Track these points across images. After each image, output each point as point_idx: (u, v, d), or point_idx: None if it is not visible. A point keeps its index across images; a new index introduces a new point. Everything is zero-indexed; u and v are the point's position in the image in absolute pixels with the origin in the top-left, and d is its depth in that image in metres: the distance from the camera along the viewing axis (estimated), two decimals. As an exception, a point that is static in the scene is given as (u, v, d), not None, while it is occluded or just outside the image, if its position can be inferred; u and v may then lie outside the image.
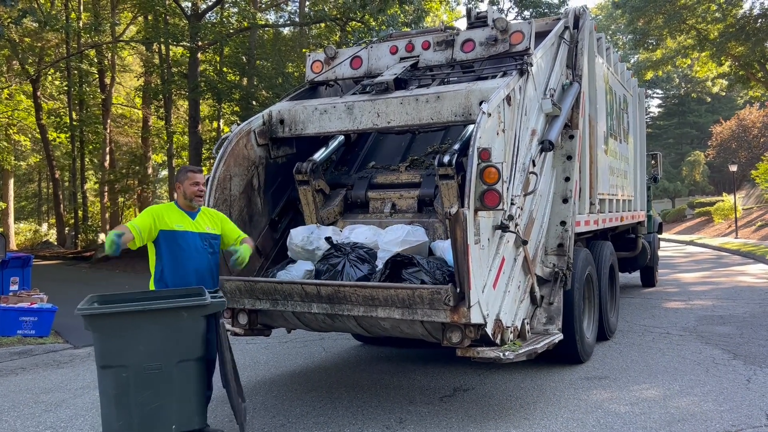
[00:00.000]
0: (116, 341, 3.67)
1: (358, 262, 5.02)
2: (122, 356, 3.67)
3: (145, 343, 3.66)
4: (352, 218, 5.90)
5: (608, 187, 8.10)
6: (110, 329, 3.69)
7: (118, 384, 3.67)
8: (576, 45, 6.85)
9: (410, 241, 5.07)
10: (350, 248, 5.14)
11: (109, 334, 3.68)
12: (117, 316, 3.71)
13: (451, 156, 5.10)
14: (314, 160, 5.87)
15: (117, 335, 3.67)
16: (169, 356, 3.70)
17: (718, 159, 46.39)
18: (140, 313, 3.70)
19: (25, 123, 29.45)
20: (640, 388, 5.68)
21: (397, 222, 5.58)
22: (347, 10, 19.21)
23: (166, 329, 3.70)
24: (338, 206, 5.91)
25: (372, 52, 6.42)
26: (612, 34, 49.09)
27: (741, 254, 21.33)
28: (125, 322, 3.68)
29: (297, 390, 5.91)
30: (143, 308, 3.73)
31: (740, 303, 10.47)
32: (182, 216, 4.53)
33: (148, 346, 3.67)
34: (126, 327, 3.68)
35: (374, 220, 5.72)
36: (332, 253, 5.17)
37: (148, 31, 24.24)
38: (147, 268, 4.74)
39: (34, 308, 8.60)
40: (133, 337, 3.66)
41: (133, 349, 3.66)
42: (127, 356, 3.66)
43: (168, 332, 3.70)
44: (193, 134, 20.41)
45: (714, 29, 31.40)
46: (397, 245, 5.01)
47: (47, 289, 9.74)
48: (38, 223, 41.53)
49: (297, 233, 5.55)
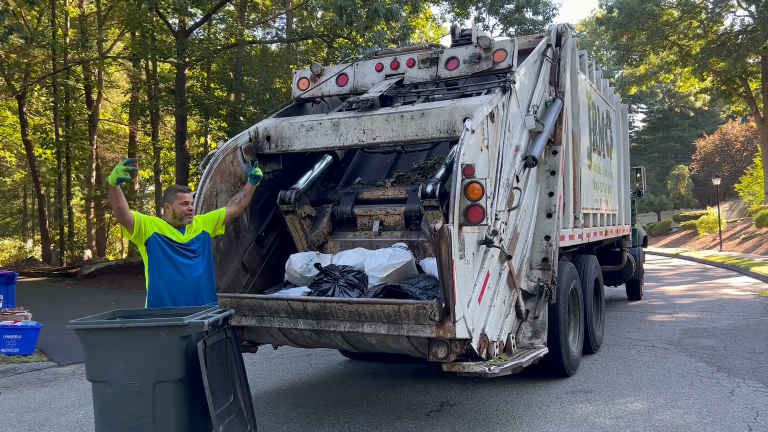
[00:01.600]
0: (101, 357, 3.69)
1: (348, 288, 5.04)
2: (106, 372, 3.68)
3: (125, 361, 3.65)
4: (342, 237, 5.93)
5: (592, 202, 8.20)
6: (96, 344, 3.71)
7: (102, 399, 3.68)
8: (558, 62, 6.96)
9: (394, 265, 5.07)
10: (340, 273, 5.15)
11: (95, 349, 3.70)
12: (100, 332, 3.74)
13: (434, 186, 5.11)
14: (298, 188, 5.89)
15: (101, 351, 3.69)
16: (147, 376, 3.65)
17: (702, 173, 46.96)
18: (120, 330, 3.72)
19: (10, 139, 29.30)
20: (625, 401, 5.72)
21: (387, 239, 5.61)
22: (334, 27, 19.38)
23: (144, 349, 3.66)
24: (326, 227, 5.94)
25: (358, 69, 6.49)
26: (596, 49, 49.78)
27: (725, 267, 21.54)
28: (108, 338, 3.70)
29: (284, 406, 5.89)
30: (121, 326, 3.74)
31: (724, 315, 10.58)
32: (172, 229, 4.54)
33: (128, 363, 3.65)
34: (109, 343, 3.69)
35: (363, 239, 5.75)
36: (322, 278, 5.19)
37: (136, 47, 24.29)
38: (133, 284, 4.77)
39: (18, 326, 8.52)
40: (115, 354, 3.66)
41: (116, 366, 3.66)
42: (110, 372, 3.66)
43: (146, 352, 3.66)
44: (180, 150, 20.40)
45: (696, 45, 31.98)
46: (380, 272, 5.02)
47: (32, 307, 9.65)
48: (23, 240, 41.09)
49: (297, 259, 5.56)
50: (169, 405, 3.66)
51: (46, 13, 25.29)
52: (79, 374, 7.79)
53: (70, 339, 10.45)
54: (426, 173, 6.04)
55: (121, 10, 24.88)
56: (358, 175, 6.49)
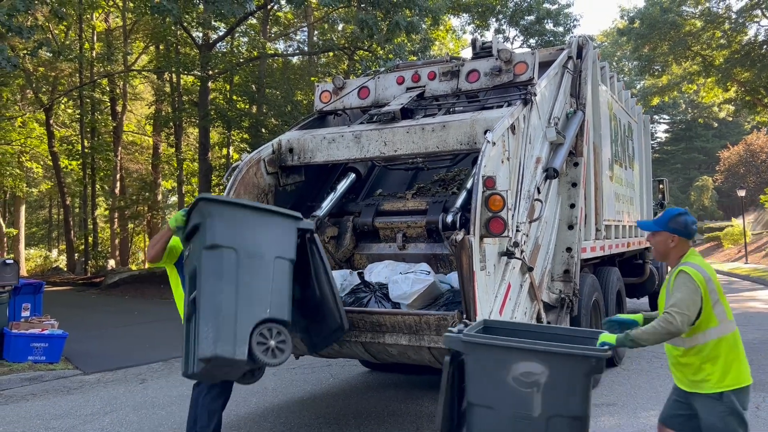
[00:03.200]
0: (231, 229, 3.95)
1: (384, 299, 5.06)
2: (233, 240, 3.92)
3: (252, 235, 4.01)
4: (367, 250, 5.91)
5: (614, 213, 8.16)
6: (227, 216, 4.01)
7: (226, 262, 3.86)
8: (579, 74, 6.96)
9: (418, 290, 4.95)
10: (378, 286, 5.18)
11: (226, 221, 3.97)
12: (235, 207, 4.09)
13: (454, 216, 5.14)
14: (318, 216, 5.85)
15: (232, 223, 3.98)
16: (270, 250, 4.02)
17: (726, 184, 46.33)
18: (255, 210, 4.14)
19: (37, 150, 29.83)
20: (648, 414, 5.67)
21: (412, 252, 5.60)
22: (355, 40, 19.55)
23: (271, 231, 4.09)
24: (350, 242, 5.92)
25: (379, 82, 6.55)
26: (618, 60, 49.46)
27: (751, 279, 21.20)
28: (243, 215, 4.06)
29: (305, 416, 5.93)
30: (259, 207, 4.26)
31: (750, 329, 10.41)
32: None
33: (254, 238, 4.01)
34: (241, 219, 4.02)
35: (388, 251, 5.74)
36: (360, 287, 5.22)
37: (160, 60, 24.70)
38: (156, 293, 4.87)
39: (45, 334, 8.68)
40: (246, 228, 3.99)
41: (242, 236, 3.96)
42: (237, 241, 3.92)
43: (272, 233, 4.08)
44: (203, 161, 20.65)
45: (719, 55, 31.62)
46: (406, 299, 4.92)
47: (57, 315, 9.81)
48: (48, 249, 41.78)
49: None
50: (284, 278, 4.11)
51: (73, 28, 25.84)
52: (104, 382, 7.92)
53: (96, 347, 10.62)
54: (447, 185, 6.06)
55: (146, 24, 25.32)
56: (378, 187, 6.53)
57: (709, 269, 3.37)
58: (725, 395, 3.22)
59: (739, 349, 3.37)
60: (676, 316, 3.15)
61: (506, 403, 3.35)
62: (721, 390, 3.23)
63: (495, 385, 3.38)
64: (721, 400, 3.22)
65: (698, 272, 3.27)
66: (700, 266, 3.34)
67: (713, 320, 3.29)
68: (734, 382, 3.25)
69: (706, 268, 3.35)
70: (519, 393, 3.31)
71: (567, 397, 3.24)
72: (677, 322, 3.14)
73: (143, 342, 10.85)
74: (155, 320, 13.59)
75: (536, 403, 3.27)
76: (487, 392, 3.42)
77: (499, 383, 3.37)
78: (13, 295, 9.28)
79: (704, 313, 3.26)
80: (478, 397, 3.45)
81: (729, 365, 3.27)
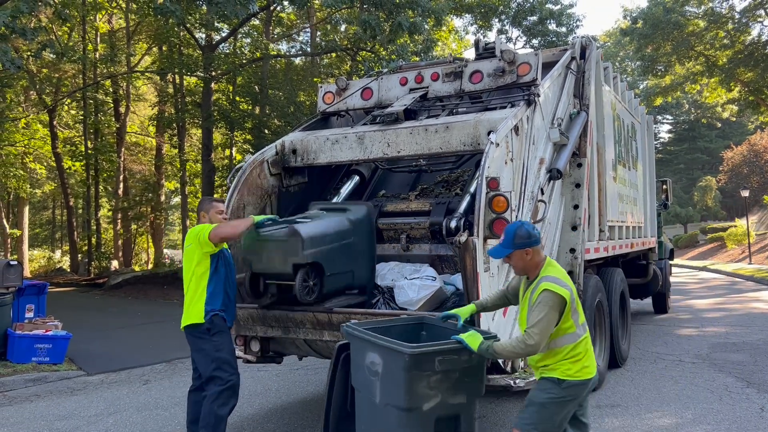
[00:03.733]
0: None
1: (392, 301, 5.05)
2: None
3: None
4: None
5: (617, 214, 8.14)
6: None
7: None
8: (583, 75, 6.95)
9: (424, 296, 4.93)
10: (386, 289, 5.18)
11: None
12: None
13: (458, 222, 5.14)
14: None
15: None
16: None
17: (729, 184, 46.18)
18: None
19: (41, 151, 29.91)
20: (652, 416, 5.65)
21: (417, 253, 5.59)
22: (358, 41, 19.54)
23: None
24: None
25: (382, 83, 6.55)
26: (621, 60, 49.39)
27: (755, 280, 21.14)
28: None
29: (308, 417, 5.93)
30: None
31: (754, 330, 10.39)
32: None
33: None
34: None
35: (392, 252, 5.73)
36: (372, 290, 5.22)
37: (163, 61, 24.74)
38: (159, 294, 4.90)
39: (49, 335, 8.69)
40: None
41: None
42: None
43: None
44: (206, 162, 20.67)
45: (722, 55, 31.56)
46: (413, 305, 4.92)
47: (61, 316, 9.83)
48: (52, 250, 41.87)
49: None
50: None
51: (76, 29, 25.90)
52: (108, 383, 7.93)
53: (99, 348, 10.63)
54: (450, 187, 6.05)
55: (149, 26, 25.38)
56: (381, 189, 6.52)
57: (568, 280, 3.52)
58: (566, 383, 3.45)
59: (590, 350, 3.59)
60: (535, 337, 3.30)
61: (365, 388, 3.72)
62: (564, 378, 3.45)
63: (359, 371, 3.79)
64: (560, 385, 3.45)
65: (561, 288, 3.39)
66: (561, 280, 3.46)
67: (571, 327, 3.47)
68: (580, 374, 3.47)
69: (566, 281, 3.49)
70: (369, 380, 3.64)
71: (395, 388, 3.44)
72: (535, 342, 3.30)
73: (146, 343, 10.86)
74: (158, 321, 13.61)
75: (377, 391, 3.56)
76: (356, 377, 3.86)
77: (360, 370, 3.75)
78: (16, 296, 9.30)
79: (562, 322, 3.41)
80: (353, 381, 3.92)
81: (578, 362, 3.48)
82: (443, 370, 3.40)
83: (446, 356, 3.40)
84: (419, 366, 3.33)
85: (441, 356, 3.40)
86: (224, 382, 4.51)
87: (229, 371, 4.56)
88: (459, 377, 3.47)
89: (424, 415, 3.40)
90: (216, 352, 4.54)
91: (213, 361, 4.53)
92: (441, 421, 3.45)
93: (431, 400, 3.39)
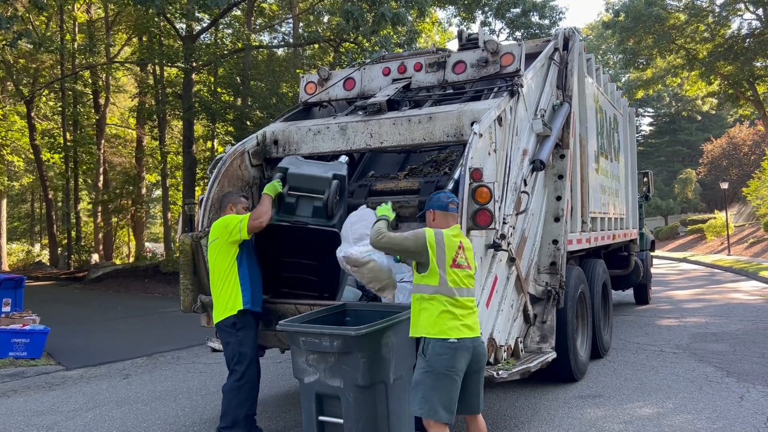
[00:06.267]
0: None
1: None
2: None
3: None
4: None
5: (600, 206, 8.17)
6: None
7: None
8: (566, 66, 6.94)
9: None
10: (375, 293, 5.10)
11: None
12: None
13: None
14: None
15: None
16: None
17: (709, 177, 46.76)
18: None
19: (18, 144, 29.44)
20: (633, 406, 5.69)
21: (403, 230, 5.54)
22: (341, 32, 19.41)
23: None
24: None
25: (365, 73, 6.49)
26: (603, 54, 49.70)
27: (733, 271, 21.42)
28: None
29: (291, 410, 5.89)
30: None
31: (733, 320, 10.52)
32: None
33: None
34: None
35: None
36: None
37: (143, 52, 24.41)
38: (140, 287, 4.85)
39: (26, 330, 8.54)
40: None
41: None
42: None
43: None
44: (188, 154, 20.46)
45: (703, 49, 31.85)
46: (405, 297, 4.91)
47: (39, 310, 9.68)
48: (31, 244, 41.30)
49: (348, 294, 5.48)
50: None
51: (54, 19, 25.46)
52: (87, 378, 7.82)
53: (79, 342, 10.49)
54: (438, 166, 6.02)
55: (128, 16, 25.01)
56: (371, 169, 6.46)
57: (449, 238, 3.79)
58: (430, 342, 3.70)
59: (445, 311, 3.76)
60: (384, 238, 3.87)
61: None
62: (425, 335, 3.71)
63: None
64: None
65: (437, 232, 3.78)
66: (442, 232, 3.80)
67: (434, 277, 3.72)
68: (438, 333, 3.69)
69: (445, 236, 3.79)
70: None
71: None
72: (378, 239, 3.88)
73: (127, 337, 10.74)
74: (139, 315, 13.47)
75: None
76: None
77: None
78: (-7, 290, 9.14)
79: (429, 269, 3.71)
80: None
81: (434, 318, 3.71)
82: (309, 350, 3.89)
83: (308, 338, 3.88)
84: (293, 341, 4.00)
85: (305, 337, 3.88)
86: (241, 376, 4.67)
87: (246, 365, 4.69)
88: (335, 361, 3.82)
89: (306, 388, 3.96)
90: (240, 346, 4.69)
91: (235, 355, 4.69)
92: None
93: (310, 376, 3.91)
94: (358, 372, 3.76)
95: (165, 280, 18.27)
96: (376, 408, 3.84)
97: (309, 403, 3.96)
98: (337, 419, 3.87)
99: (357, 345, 3.73)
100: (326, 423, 3.93)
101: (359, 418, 3.79)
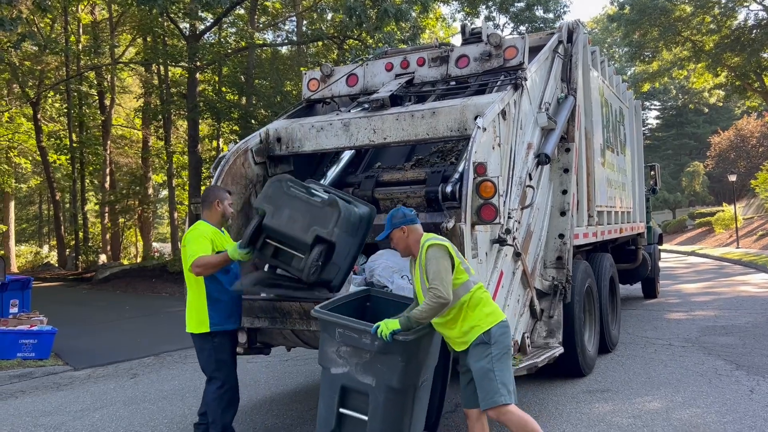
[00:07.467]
0: None
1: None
2: None
3: None
4: None
5: (606, 200, 8.11)
6: None
7: None
8: (570, 59, 6.88)
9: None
10: (382, 287, 5.06)
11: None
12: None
13: (453, 186, 5.10)
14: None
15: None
16: None
17: (717, 169, 46.45)
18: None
19: (25, 146, 29.54)
20: (642, 400, 5.65)
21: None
22: (344, 29, 19.35)
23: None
24: None
25: (368, 69, 6.45)
26: (608, 47, 49.42)
27: (742, 264, 21.28)
28: None
29: (298, 408, 5.88)
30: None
31: (742, 313, 10.44)
32: (221, 235, 4.63)
33: None
34: None
35: None
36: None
37: (147, 52, 24.43)
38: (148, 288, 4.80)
39: (34, 330, 8.58)
40: None
41: None
42: None
43: None
44: (193, 154, 20.47)
45: (709, 41, 31.61)
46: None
47: (47, 311, 9.72)
48: (39, 245, 41.50)
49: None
50: None
51: (58, 20, 25.51)
52: (95, 378, 7.84)
53: (86, 343, 10.53)
54: (445, 156, 5.98)
55: (132, 16, 25.02)
56: (377, 161, 6.44)
57: (446, 239, 3.81)
58: (492, 330, 3.66)
59: (488, 294, 3.86)
60: (440, 287, 3.52)
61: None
62: (488, 327, 3.65)
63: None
64: (490, 334, 3.65)
65: (440, 239, 3.73)
66: (438, 236, 3.79)
67: (464, 274, 3.71)
68: (496, 318, 3.70)
69: (444, 238, 3.80)
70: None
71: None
72: (443, 292, 3.51)
73: (134, 337, 10.77)
74: (146, 315, 13.50)
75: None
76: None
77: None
78: (0, 291, 9.18)
79: (456, 271, 3.66)
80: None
81: (486, 306, 3.72)
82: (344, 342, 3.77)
83: (347, 331, 3.76)
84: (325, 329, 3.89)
85: (342, 329, 3.77)
86: (222, 384, 4.53)
87: (226, 372, 4.56)
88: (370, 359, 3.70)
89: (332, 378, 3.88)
90: (216, 353, 4.54)
91: (214, 362, 4.54)
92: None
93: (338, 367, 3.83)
94: (394, 374, 3.66)
95: (172, 279, 18.31)
96: (404, 410, 3.75)
97: (332, 393, 3.86)
98: (359, 415, 3.76)
99: (399, 348, 3.62)
100: (346, 416, 3.82)
101: (386, 418, 3.69)
